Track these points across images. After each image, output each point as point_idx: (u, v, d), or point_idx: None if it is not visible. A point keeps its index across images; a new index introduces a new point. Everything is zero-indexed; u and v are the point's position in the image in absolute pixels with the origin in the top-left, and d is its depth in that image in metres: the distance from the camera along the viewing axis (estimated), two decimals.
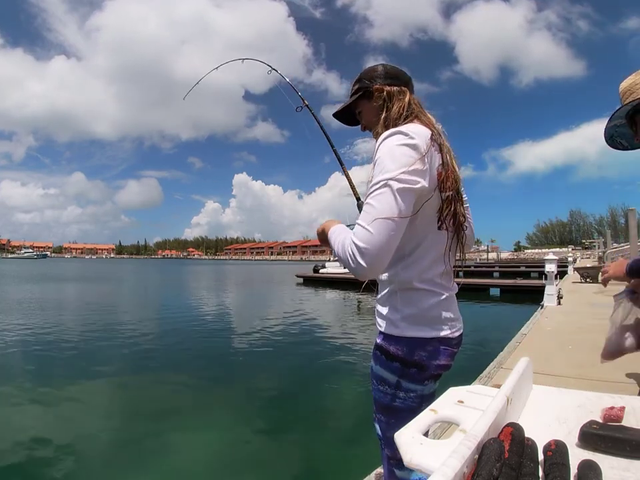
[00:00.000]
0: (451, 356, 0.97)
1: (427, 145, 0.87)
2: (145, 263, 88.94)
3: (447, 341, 0.95)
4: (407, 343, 0.93)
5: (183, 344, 6.88)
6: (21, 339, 6.91)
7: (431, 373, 0.95)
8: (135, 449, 3.06)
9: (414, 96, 1.04)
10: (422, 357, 0.93)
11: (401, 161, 0.83)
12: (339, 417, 3.71)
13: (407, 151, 0.84)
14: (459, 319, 1.01)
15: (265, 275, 31.24)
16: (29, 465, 2.82)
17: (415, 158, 0.84)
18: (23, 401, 4.05)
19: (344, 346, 6.70)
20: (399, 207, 0.81)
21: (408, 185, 0.82)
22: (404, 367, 0.94)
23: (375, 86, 1.02)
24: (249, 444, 3.18)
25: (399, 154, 0.84)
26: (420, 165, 0.84)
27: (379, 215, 0.81)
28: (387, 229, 0.80)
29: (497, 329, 7.69)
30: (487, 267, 28.76)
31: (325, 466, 2.87)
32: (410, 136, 0.86)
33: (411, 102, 1.00)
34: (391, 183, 0.81)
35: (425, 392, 0.96)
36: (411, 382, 0.94)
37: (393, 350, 0.95)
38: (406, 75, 1.05)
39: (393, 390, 0.96)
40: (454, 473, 0.39)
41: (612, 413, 0.61)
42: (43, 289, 17.85)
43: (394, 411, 0.97)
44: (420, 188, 0.84)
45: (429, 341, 0.93)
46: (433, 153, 0.88)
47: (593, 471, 0.45)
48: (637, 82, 1.14)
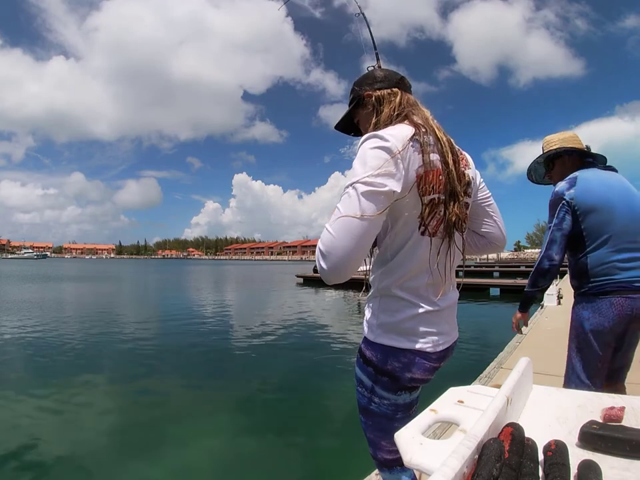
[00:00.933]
0: (429, 370, 0.92)
1: (403, 146, 0.83)
2: (145, 263, 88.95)
3: (424, 354, 0.90)
4: (381, 350, 0.91)
5: (183, 344, 6.88)
6: (21, 339, 6.91)
7: (403, 384, 0.92)
8: (135, 449, 3.06)
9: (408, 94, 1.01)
10: (395, 367, 0.90)
11: (370, 164, 0.81)
12: (339, 416, 3.71)
13: (379, 153, 0.82)
14: (448, 333, 0.95)
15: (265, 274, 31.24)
16: (29, 466, 2.82)
17: (387, 160, 0.81)
18: (23, 401, 4.05)
19: (344, 346, 6.70)
20: (363, 209, 0.78)
21: (374, 187, 0.79)
22: (377, 373, 0.92)
23: (364, 93, 1.02)
24: (249, 444, 3.18)
25: (369, 157, 0.82)
26: (391, 167, 0.81)
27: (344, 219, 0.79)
28: (349, 231, 0.78)
29: (496, 329, 7.69)
30: (487, 267, 28.77)
31: (325, 466, 2.87)
32: (384, 139, 0.83)
33: (402, 102, 0.97)
34: (356, 185, 0.80)
35: (399, 401, 0.94)
36: (383, 390, 0.93)
37: (368, 355, 0.94)
38: (396, 75, 1.03)
39: (368, 394, 0.95)
40: (454, 473, 0.39)
41: (612, 413, 0.61)
42: (43, 289, 17.85)
43: (370, 414, 0.97)
44: (387, 191, 0.80)
45: (402, 351, 0.89)
46: (412, 153, 0.85)
47: (592, 471, 0.45)
48: (553, 139, 1.75)
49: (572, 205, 1.55)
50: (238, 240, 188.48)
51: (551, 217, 1.61)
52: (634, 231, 1.54)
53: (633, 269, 1.50)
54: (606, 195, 1.55)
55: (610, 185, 1.59)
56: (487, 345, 6.20)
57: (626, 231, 1.53)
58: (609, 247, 1.51)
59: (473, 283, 14.85)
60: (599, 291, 1.53)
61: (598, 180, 1.59)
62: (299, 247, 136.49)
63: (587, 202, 1.54)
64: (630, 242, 1.53)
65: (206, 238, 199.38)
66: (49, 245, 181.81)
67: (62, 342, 6.77)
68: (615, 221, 1.52)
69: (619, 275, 1.50)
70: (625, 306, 1.47)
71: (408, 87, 1.04)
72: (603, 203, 1.54)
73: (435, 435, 1.96)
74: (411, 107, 0.96)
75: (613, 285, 1.50)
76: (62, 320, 9.22)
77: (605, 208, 1.53)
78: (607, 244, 1.51)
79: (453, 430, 0.54)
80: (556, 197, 1.60)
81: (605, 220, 1.53)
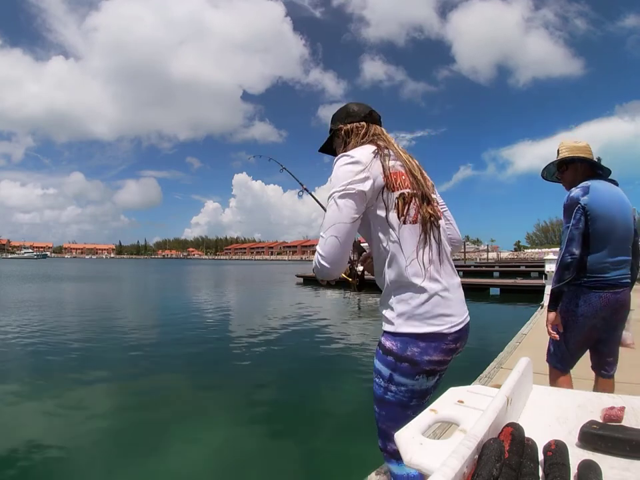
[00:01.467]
0: (445, 352, 1.01)
1: (367, 157, 1.03)
2: (145, 263, 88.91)
3: (440, 336, 1.00)
4: (401, 339, 1.01)
5: (183, 343, 6.88)
6: (21, 339, 6.90)
7: (422, 368, 1.00)
8: (135, 448, 3.06)
9: (375, 125, 1.19)
10: (414, 353, 0.99)
11: (343, 177, 1.01)
12: (339, 416, 3.71)
13: (348, 167, 1.02)
14: (458, 315, 1.05)
15: (265, 274, 31.25)
16: (28, 466, 2.81)
17: (355, 171, 1.01)
18: (22, 401, 4.05)
19: (344, 346, 6.70)
20: (342, 212, 1.00)
21: (346, 191, 1.00)
22: (397, 361, 1.01)
23: (337, 127, 1.22)
24: (249, 444, 3.17)
25: (341, 173, 1.02)
26: (359, 175, 1.00)
27: (328, 224, 1.01)
28: (335, 232, 1.00)
29: (497, 329, 7.69)
30: (487, 267, 28.76)
31: (325, 466, 2.87)
32: (350, 155, 1.04)
33: (367, 133, 1.16)
34: (334, 195, 1.01)
35: (416, 387, 1.01)
36: (402, 376, 1.01)
37: (388, 345, 1.03)
38: (366, 110, 1.21)
39: (385, 383, 1.04)
40: (454, 473, 0.39)
41: (612, 413, 0.61)
42: (43, 289, 17.85)
43: (385, 404, 1.05)
44: (359, 192, 0.99)
45: (421, 336, 0.99)
46: (376, 163, 1.03)
47: (592, 471, 0.45)
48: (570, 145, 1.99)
49: (586, 210, 1.80)
50: (238, 240, 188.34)
51: (567, 217, 1.86)
52: (626, 238, 1.88)
53: (621, 268, 1.84)
54: (611, 206, 1.83)
55: (614, 198, 1.87)
56: (487, 344, 6.20)
57: (621, 239, 1.85)
58: (606, 251, 1.80)
59: (473, 283, 14.84)
60: (592, 285, 1.83)
61: (606, 192, 1.86)
62: (298, 247, 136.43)
63: (597, 210, 1.79)
64: (622, 248, 1.86)
65: (206, 238, 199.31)
66: (49, 244, 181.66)
67: (62, 342, 6.77)
68: (615, 229, 1.81)
69: (609, 273, 1.81)
70: (610, 299, 1.81)
71: (376, 119, 1.23)
72: (608, 214, 1.81)
73: (435, 434, 1.96)
74: (376, 136, 1.16)
75: (604, 282, 1.82)
76: (62, 320, 9.22)
77: (608, 218, 1.81)
78: (606, 248, 1.79)
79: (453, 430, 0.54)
80: (572, 201, 1.85)
81: (608, 228, 1.80)
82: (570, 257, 1.79)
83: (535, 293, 10.61)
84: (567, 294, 1.91)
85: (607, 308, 1.83)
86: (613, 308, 1.83)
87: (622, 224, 1.84)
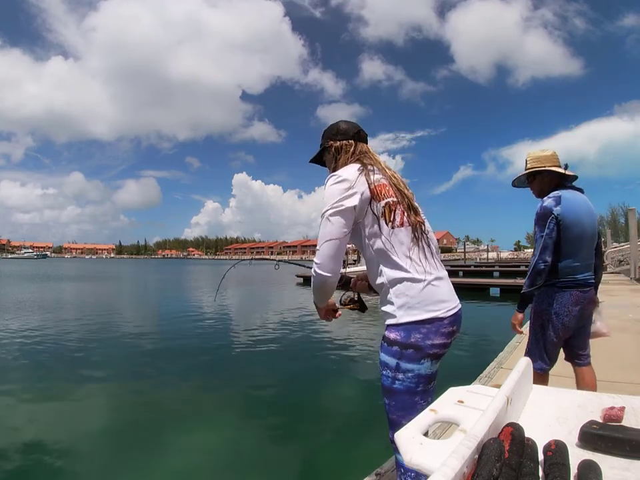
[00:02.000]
0: (444, 335, 1.12)
1: (353, 175, 1.16)
2: (145, 262, 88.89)
3: (439, 320, 1.11)
4: (404, 328, 1.11)
5: (182, 344, 6.88)
6: (21, 339, 6.90)
7: (426, 352, 1.10)
8: (135, 449, 3.06)
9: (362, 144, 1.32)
10: (417, 339, 1.10)
11: (332, 195, 1.15)
12: (339, 416, 3.71)
13: (337, 186, 1.16)
14: (452, 300, 1.17)
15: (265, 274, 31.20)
16: (28, 466, 2.82)
17: (342, 189, 1.15)
18: (21, 401, 4.05)
19: (344, 345, 6.69)
20: (333, 228, 1.14)
21: (337, 209, 1.14)
22: (402, 349, 1.11)
23: (328, 143, 1.34)
24: (249, 444, 3.17)
25: (330, 192, 1.16)
26: (348, 192, 1.14)
27: (322, 239, 1.15)
28: (328, 246, 1.14)
29: (497, 329, 7.69)
30: (487, 267, 28.74)
31: (325, 465, 2.87)
32: (338, 175, 1.18)
33: (356, 151, 1.29)
34: (325, 214, 1.15)
35: (422, 372, 1.11)
36: (408, 362, 1.10)
37: (392, 336, 1.13)
38: (354, 129, 1.33)
39: (393, 373, 1.12)
40: (454, 473, 0.39)
41: (612, 413, 0.61)
42: (43, 289, 17.84)
43: (394, 394, 1.13)
44: (348, 207, 1.13)
45: (422, 322, 1.10)
46: (361, 178, 1.17)
47: (592, 471, 0.45)
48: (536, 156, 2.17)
49: (558, 220, 1.96)
50: (238, 240, 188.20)
51: (541, 226, 2.00)
52: (593, 243, 2.07)
53: (587, 271, 2.05)
54: (580, 216, 2.00)
55: (582, 207, 2.04)
56: (487, 344, 6.20)
57: (589, 244, 2.04)
58: (577, 255, 1.99)
59: (472, 283, 14.84)
60: (563, 285, 2.02)
61: (576, 202, 2.03)
62: (298, 247, 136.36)
63: (569, 219, 1.96)
64: (589, 252, 2.07)
65: (206, 238, 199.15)
66: (49, 244, 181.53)
67: (61, 342, 6.77)
68: (585, 236, 2.00)
69: (579, 275, 2.02)
70: (580, 297, 2.01)
71: (363, 137, 1.35)
72: (579, 222, 1.98)
73: (435, 434, 1.96)
74: (362, 155, 1.28)
75: (575, 282, 2.01)
76: (62, 320, 9.22)
77: (579, 225, 1.98)
78: (577, 253, 1.99)
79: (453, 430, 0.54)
80: (546, 211, 2.00)
81: (579, 235, 1.99)
82: (543, 264, 1.97)
83: None
84: (540, 295, 2.09)
85: (577, 305, 2.02)
86: (582, 305, 2.03)
87: (590, 230, 2.03)
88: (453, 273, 23.60)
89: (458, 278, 19.31)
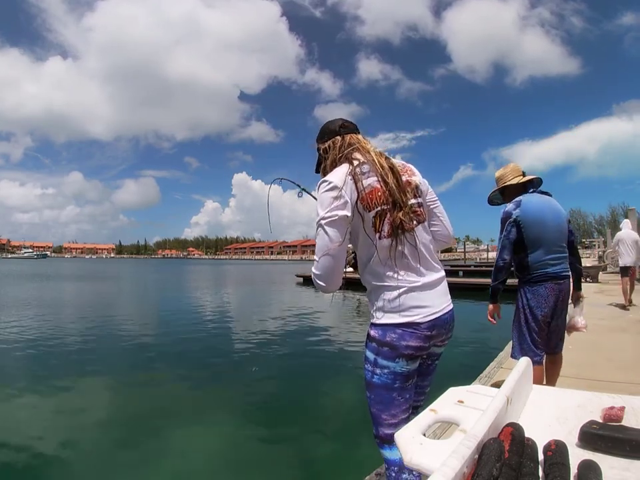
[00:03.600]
0: (421, 338, 1.14)
1: (342, 180, 1.14)
2: (145, 262, 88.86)
3: (415, 325, 1.13)
4: (381, 328, 1.16)
5: (182, 344, 6.87)
6: (22, 339, 6.90)
7: (401, 352, 1.13)
8: (134, 449, 3.06)
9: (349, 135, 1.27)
10: (392, 338, 1.13)
11: (324, 203, 1.13)
12: (339, 416, 3.71)
13: (328, 194, 1.13)
14: (433, 305, 1.17)
15: (265, 274, 31.26)
16: (27, 466, 2.81)
17: (334, 196, 1.12)
18: (21, 401, 4.04)
19: (344, 345, 6.69)
20: (330, 238, 1.12)
21: (331, 219, 1.12)
22: (379, 346, 1.15)
23: (318, 146, 1.34)
24: (248, 444, 3.17)
25: (322, 199, 1.15)
26: (339, 200, 1.12)
27: (320, 249, 1.14)
28: (326, 257, 1.14)
29: (497, 329, 7.67)
30: (487, 267, 28.70)
31: (325, 466, 2.87)
32: (328, 182, 1.15)
33: (342, 146, 1.26)
34: (320, 222, 1.13)
35: (397, 369, 1.14)
36: (384, 359, 1.14)
37: (372, 333, 1.18)
38: (337, 123, 1.30)
39: (372, 367, 1.17)
40: (454, 473, 0.39)
41: (612, 413, 0.61)
42: (43, 289, 17.84)
43: (373, 387, 1.18)
44: (342, 216, 1.12)
45: (397, 325, 1.13)
46: (351, 184, 1.14)
47: (592, 471, 0.45)
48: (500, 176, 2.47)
49: (517, 221, 2.19)
50: (238, 239, 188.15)
51: (501, 229, 2.25)
52: (560, 239, 2.25)
53: (559, 264, 2.22)
54: (541, 214, 2.20)
55: (544, 207, 2.25)
56: (487, 344, 6.20)
57: (553, 240, 2.21)
58: (541, 250, 2.17)
59: (472, 283, 14.83)
60: (537, 279, 2.22)
61: (536, 203, 2.24)
62: (298, 247, 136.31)
63: (528, 219, 2.18)
64: (557, 247, 2.23)
65: (206, 237, 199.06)
66: (49, 244, 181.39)
67: (61, 342, 6.76)
68: (546, 233, 2.17)
69: (549, 269, 2.20)
70: (555, 289, 2.21)
71: (349, 128, 1.31)
72: (539, 221, 2.19)
73: (435, 435, 1.96)
74: (350, 148, 1.25)
75: (546, 275, 2.20)
76: (61, 319, 9.22)
77: (539, 224, 2.19)
78: (540, 248, 2.17)
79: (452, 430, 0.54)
80: (506, 215, 2.24)
81: (540, 232, 2.19)
82: (502, 262, 2.23)
83: None
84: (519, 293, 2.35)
85: (552, 296, 2.21)
86: (557, 296, 2.22)
87: (553, 227, 2.20)
88: (453, 272, 23.60)
89: (458, 278, 19.30)
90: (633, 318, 5.43)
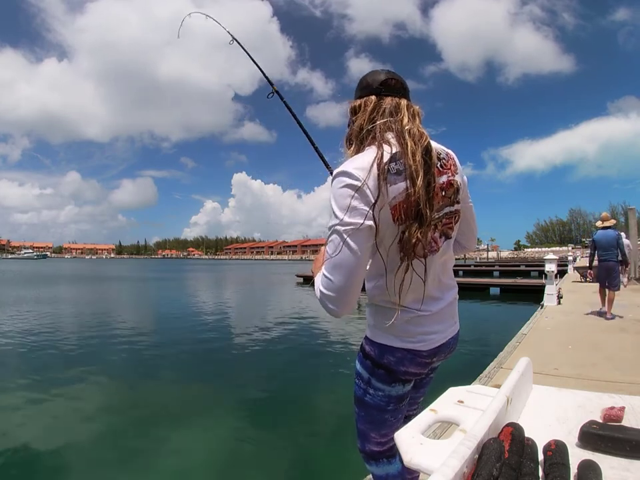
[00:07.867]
0: (420, 365, 0.98)
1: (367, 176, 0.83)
2: (145, 262, 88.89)
3: (415, 352, 0.96)
4: (378, 347, 0.99)
5: (181, 344, 6.88)
6: (22, 338, 6.90)
7: (398, 377, 0.99)
8: (133, 448, 3.06)
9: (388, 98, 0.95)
10: (390, 361, 0.97)
11: (342, 204, 0.84)
12: (339, 416, 3.71)
13: (345, 192, 0.84)
14: (440, 332, 0.99)
15: (265, 274, 31.25)
16: (28, 466, 2.82)
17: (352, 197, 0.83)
18: (21, 401, 4.04)
19: (343, 346, 6.70)
20: (349, 250, 0.84)
21: (352, 227, 0.83)
22: (374, 366, 1.00)
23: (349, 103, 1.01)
24: (247, 444, 3.17)
25: (338, 197, 0.85)
26: (361, 204, 0.83)
27: (334, 262, 0.85)
28: (342, 274, 0.85)
29: (496, 329, 7.69)
30: (487, 266, 28.73)
31: (324, 466, 2.87)
32: (350, 174, 0.84)
33: (373, 112, 0.94)
34: (337, 228, 0.84)
35: (392, 393, 1.00)
36: (379, 381, 1.00)
37: (367, 349, 1.02)
38: (378, 78, 0.97)
39: (365, 385, 1.03)
40: (454, 473, 0.39)
41: (612, 413, 0.61)
42: (43, 289, 17.84)
43: (364, 405, 1.04)
44: (365, 227, 0.83)
45: (396, 349, 0.96)
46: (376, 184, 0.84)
47: (592, 471, 0.45)
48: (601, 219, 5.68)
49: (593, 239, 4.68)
50: (238, 239, 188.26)
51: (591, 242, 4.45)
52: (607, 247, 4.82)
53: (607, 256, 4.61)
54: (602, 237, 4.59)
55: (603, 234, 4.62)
56: (487, 344, 6.20)
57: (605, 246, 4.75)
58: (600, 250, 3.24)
59: (472, 283, 14.84)
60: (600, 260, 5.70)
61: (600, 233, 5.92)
62: (298, 247, 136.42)
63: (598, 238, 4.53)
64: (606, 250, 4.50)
65: (206, 238, 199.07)
66: (48, 244, 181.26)
67: (61, 342, 6.77)
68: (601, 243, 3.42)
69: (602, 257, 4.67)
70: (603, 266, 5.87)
71: (395, 88, 0.96)
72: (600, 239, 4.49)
73: (435, 434, 1.96)
74: (383, 119, 0.92)
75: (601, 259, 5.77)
76: (61, 319, 9.22)
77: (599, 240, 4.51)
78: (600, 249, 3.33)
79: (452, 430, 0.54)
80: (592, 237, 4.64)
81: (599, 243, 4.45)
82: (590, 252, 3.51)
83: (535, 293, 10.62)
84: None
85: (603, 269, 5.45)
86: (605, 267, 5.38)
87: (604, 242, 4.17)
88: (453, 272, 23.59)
89: (458, 277, 19.20)
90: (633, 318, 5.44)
